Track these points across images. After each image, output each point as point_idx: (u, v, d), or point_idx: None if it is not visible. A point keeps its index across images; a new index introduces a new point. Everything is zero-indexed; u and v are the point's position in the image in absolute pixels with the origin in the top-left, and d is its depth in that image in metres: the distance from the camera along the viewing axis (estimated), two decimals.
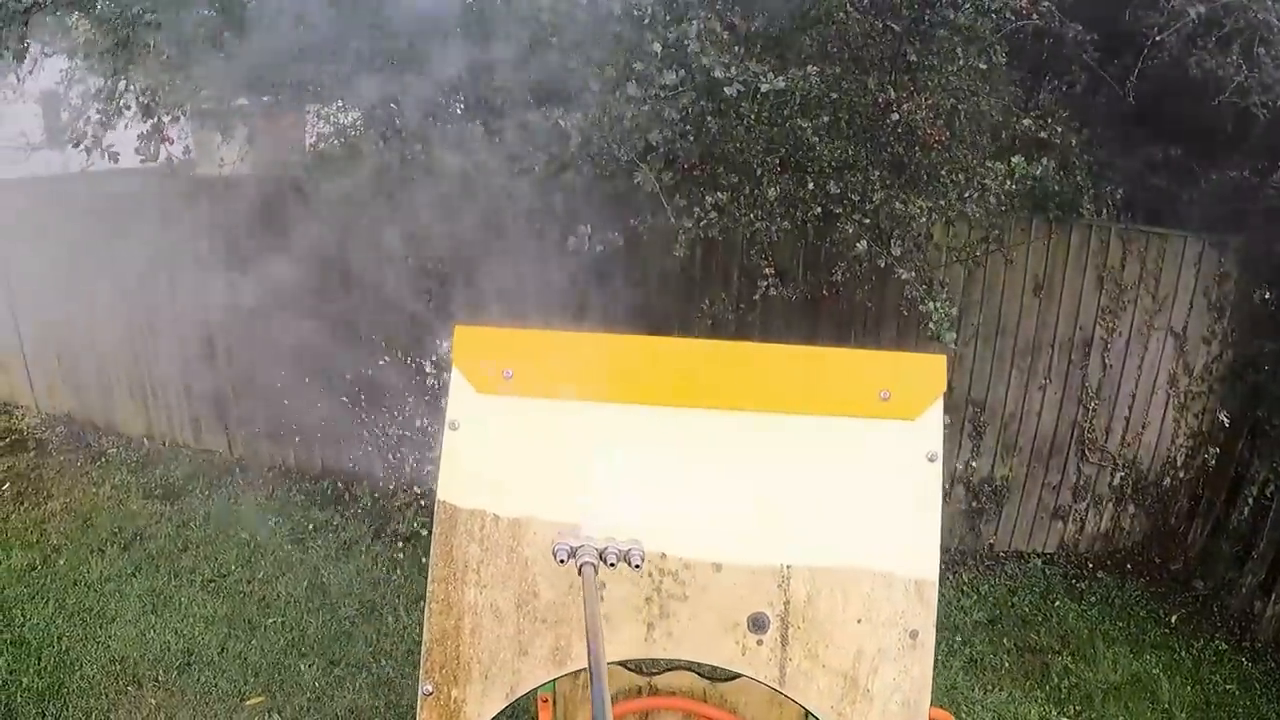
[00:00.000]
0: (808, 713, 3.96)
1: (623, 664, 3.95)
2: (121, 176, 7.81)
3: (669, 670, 3.88)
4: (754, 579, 2.33)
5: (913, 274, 5.17)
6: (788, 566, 2.33)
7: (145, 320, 8.89)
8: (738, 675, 3.86)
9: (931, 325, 5.19)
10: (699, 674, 3.84)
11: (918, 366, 2.41)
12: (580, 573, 2.19)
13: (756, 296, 5.49)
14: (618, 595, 2.35)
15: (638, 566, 2.21)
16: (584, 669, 3.81)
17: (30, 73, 6.45)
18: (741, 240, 5.05)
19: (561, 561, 2.21)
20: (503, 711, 2.41)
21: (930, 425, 2.37)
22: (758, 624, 2.32)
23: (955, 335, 5.31)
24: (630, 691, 3.89)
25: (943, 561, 7.49)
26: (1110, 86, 6.81)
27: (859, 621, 2.32)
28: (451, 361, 2.49)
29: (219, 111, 6.92)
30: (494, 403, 2.46)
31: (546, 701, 3.90)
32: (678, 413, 2.42)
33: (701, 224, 4.87)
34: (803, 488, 2.37)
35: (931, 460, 2.35)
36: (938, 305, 5.11)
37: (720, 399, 2.41)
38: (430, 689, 2.40)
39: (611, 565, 2.19)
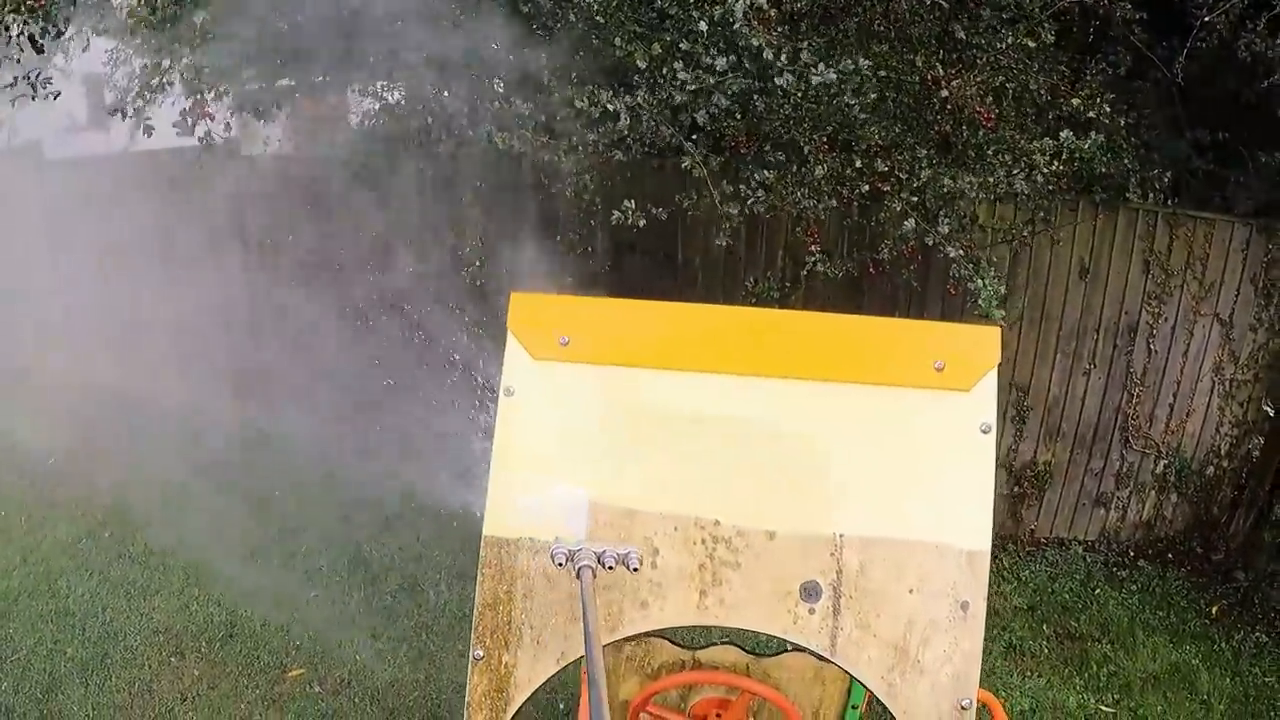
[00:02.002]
0: (850, 688, 3.99)
1: (668, 638, 3.98)
2: (170, 156, 7.90)
3: (712, 645, 3.90)
4: (807, 547, 2.33)
5: (960, 252, 5.13)
6: (841, 535, 2.33)
7: (192, 295, 8.96)
8: (781, 651, 3.89)
9: (981, 302, 5.16)
10: (742, 649, 3.85)
11: (972, 338, 2.41)
12: (578, 576, 2.20)
13: (804, 273, 5.46)
14: (672, 563, 2.36)
15: (635, 569, 2.23)
16: (630, 637, 3.86)
17: (84, 49, 6.52)
18: (787, 219, 5.03)
19: (560, 565, 2.23)
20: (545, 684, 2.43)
21: (984, 396, 2.37)
22: (810, 593, 2.33)
23: (1004, 313, 5.27)
24: (674, 665, 3.91)
25: None
26: (1159, 68, 6.75)
27: (911, 592, 2.31)
28: (507, 327, 2.51)
29: (263, 92, 6.96)
30: (549, 369, 2.49)
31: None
32: (733, 380, 2.43)
33: (749, 203, 4.86)
34: (856, 457, 2.38)
35: (985, 432, 2.35)
36: (986, 282, 5.08)
37: (775, 367, 2.42)
38: (481, 654, 2.42)
39: (610, 568, 2.21)
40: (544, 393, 2.48)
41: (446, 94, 5.73)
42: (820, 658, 2.35)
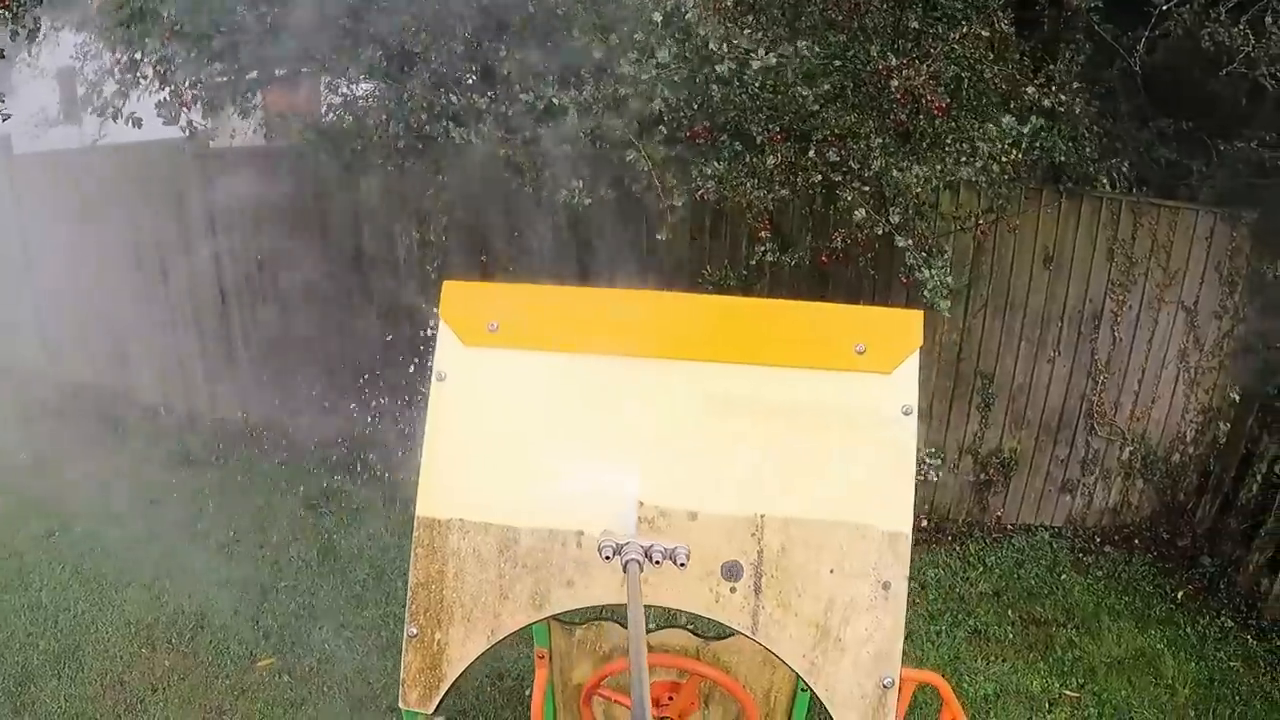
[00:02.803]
0: None
1: (618, 622, 4.02)
2: (136, 150, 7.91)
3: (663, 629, 3.94)
4: (728, 528, 2.36)
5: (910, 242, 5.16)
6: (762, 516, 2.37)
7: (161, 290, 8.98)
8: (730, 634, 3.93)
9: (926, 293, 5.19)
10: (692, 632, 3.89)
11: (894, 321, 2.44)
12: (625, 570, 2.23)
13: (753, 262, 5.50)
14: (594, 544, 2.40)
15: (683, 565, 2.24)
16: (576, 624, 3.89)
17: (40, 43, 6.53)
18: (747, 208, 5.06)
19: (607, 558, 2.25)
20: (484, 668, 2.47)
21: (906, 379, 2.40)
22: (731, 572, 2.36)
23: (949, 303, 5.30)
24: (625, 649, 3.94)
25: (950, 533, 7.54)
26: (1124, 59, 6.78)
27: (831, 572, 2.35)
28: (439, 315, 2.55)
29: (231, 83, 6.98)
30: (479, 354, 2.53)
31: (543, 658, 3.98)
32: (656, 364, 2.46)
33: (698, 193, 4.90)
34: (778, 439, 2.41)
35: (907, 413, 2.38)
36: (933, 273, 5.11)
37: (698, 351, 2.46)
38: (415, 631, 2.47)
39: (656, 563, 2.22)
40: (474, 377, 2.53)
41: (407, 89, 5.75)
42: (744, 636, 2.39)
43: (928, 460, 6.57)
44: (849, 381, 2.40)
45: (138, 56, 6.06)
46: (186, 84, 6.15)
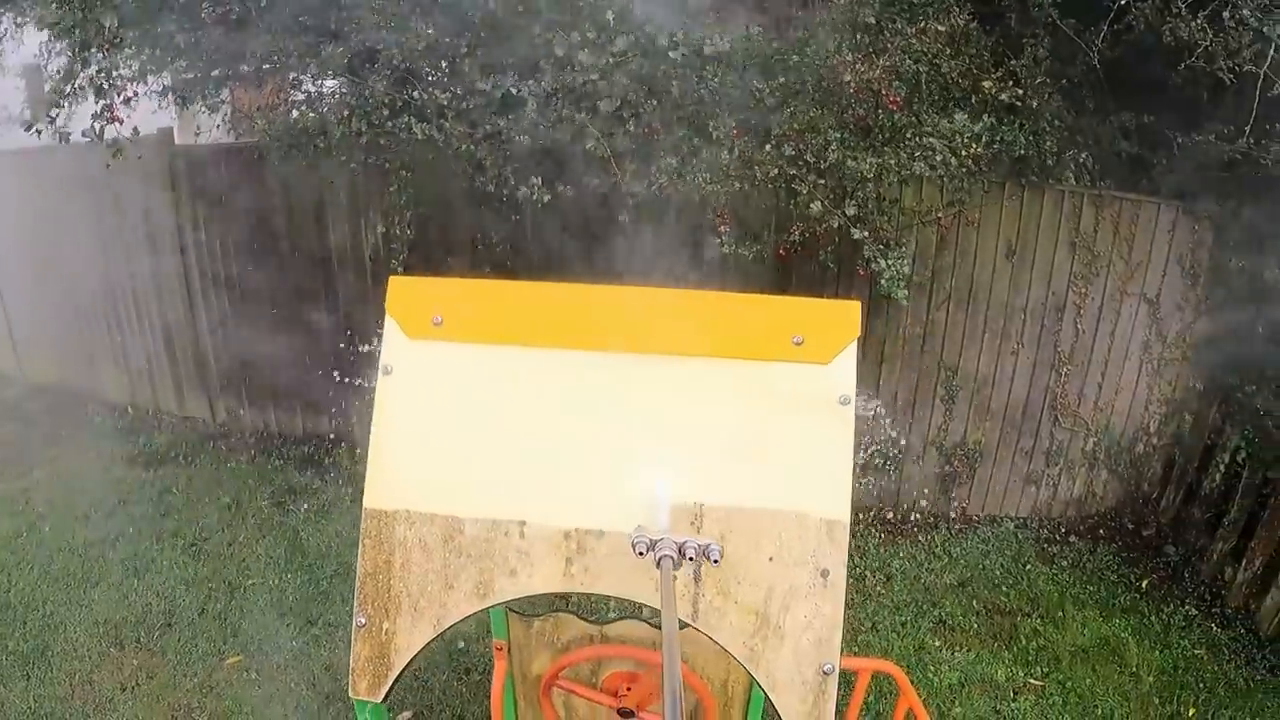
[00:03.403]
0: None
1: (575, 613, 4.05)
2: (97, 149, 7.88)
3: (619, 619, 3.96)
4: (668, 517, 2.39)
5: (867, 234, 5.20)
6: (701, 505, 2.39)
7: (127, 289, 8.96)
8: (688, 624, 3.96)
9: (883, 283, 5.23)
10: (649, 623, 3.92)
11: (832, 312, 2.46)
12: (659, 566, 2.24)
13: (709, 256, 5.53)
14: (539, 533, 2.43)
15: (716, 562, 2.25)
16: (534, 616, 3.92)
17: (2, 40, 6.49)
18: (696, 200, 5.09)
19: (640, 554, 2.26)
20: (450, 664, 2.50)
21: (843, 369, 2.42)
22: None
23: (906, 293, 5.34)
24: (582, 640, 3.97)
25: (915, 525, 7.59)
26: (1085, 53, 6.83)
27: (770, 560, 2.37)
28: (386, 309, 2.58)
29: (193, 82, 6.97)
30: (424, 348, 2.56)
31: (501, 649, 4.00)
32: (597, 356, 2.49)
33: (652, 187, 4.93)
34: (717, 429, 2.43)
35: (844, 403, 2.40)
36: (889, 263, 5.15)
37: (639, 343, 2.48)
38: (364, 621, 2.50)
39: (690, 559, 2.23)
40: (419, 370, 2.55)
41: (368, 85, 5.75)
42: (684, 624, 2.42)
43: (880, 454, 6.60)
44: (787, 372, 2.42)
45: (78, 67, 6.03)
46: (121, 97, 6.11)
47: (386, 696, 2.54)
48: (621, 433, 2.46)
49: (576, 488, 2.45)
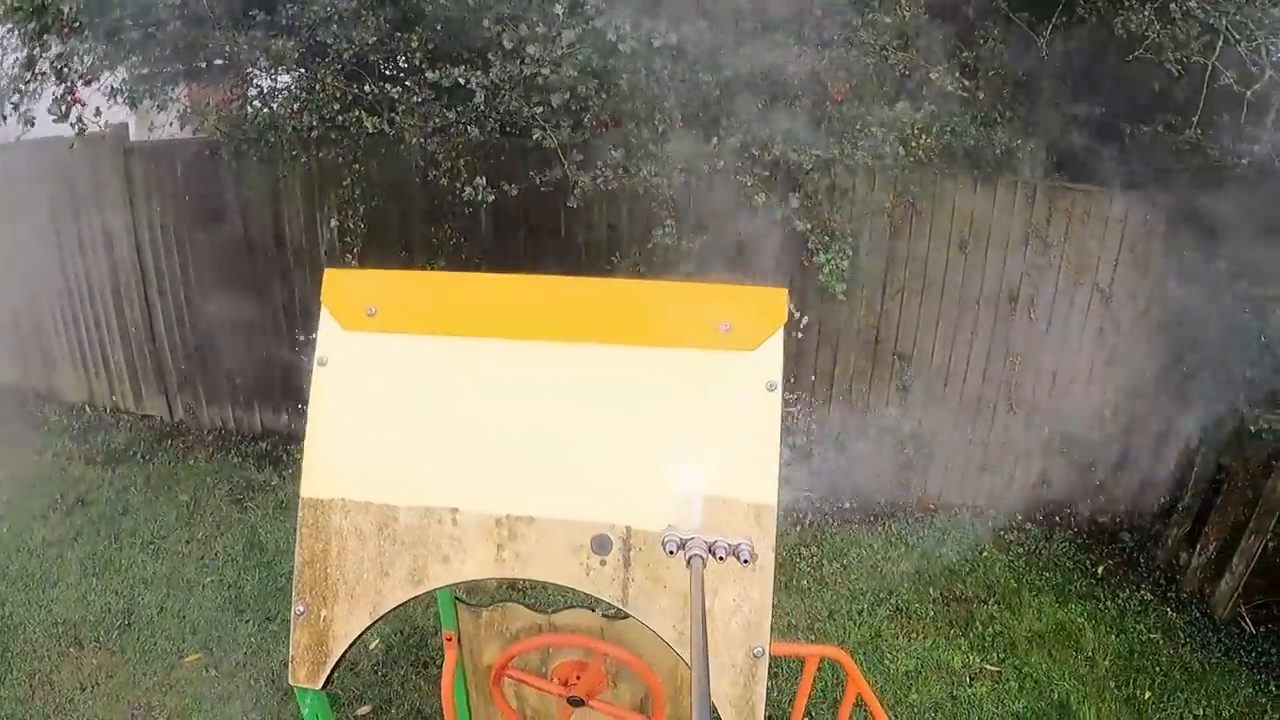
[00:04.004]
0: None
1: (523, 603, 4.07)
2: (52, 145, 7.83)
3: (567, 609, 3.99)
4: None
5: (809, 226, 5.24)
6: (631, 490, 2.43)
7: (83, 288, 8.90)
8: (624, 616, 3.98)
9: (821, 277, 5.27)
10: (596, 613, 3.94)
11: (759, 299, 2.49)
12: (689, 565, 2.26)
13: (650, 245, 5.56)
14: (472, 519, 2.45)
15: (746, 561, 2.26)
16: (483, 607, 3.93)
17: None
18: (642, 192, 5.12)
19: (670, 553, 2.29)
20: (409, 658, 2.52)
21: (770, 355, 2.45)
22: (601, 545, 2.42)
23: (844, 286, 5.38)
24: (531, 629, 3.99)
25: (872, 514, 7.65)
26: (1037, 45, 6.88)
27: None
28: (321, 301, 2.60)
29: (147, 77, 6.94)
30: (359, 339, 2.59)
31: (451, 640, 4.02)
32: (527, 345, 2.52)
33: (597, 180, 4.96)
34: (646, 416, 2.46)
35: (771, 389, 2.43)
36: (828, 257, 5.19)
37: (569, 332, 2.51)
38: (302, 609, 2.55)
39: (721, 559, 2.25)
40: (353, 361, 2.58)
41: (318, 79, 5.75)
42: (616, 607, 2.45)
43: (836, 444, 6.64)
44: (714, 359, 2.46)
45: (36, 53, 6.01)
46: (80, 80, 6.09)
47: (326, 684, 2.57)
48: (551, 420, 2.49)
49: (507, 475, 2.48)
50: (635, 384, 2.48)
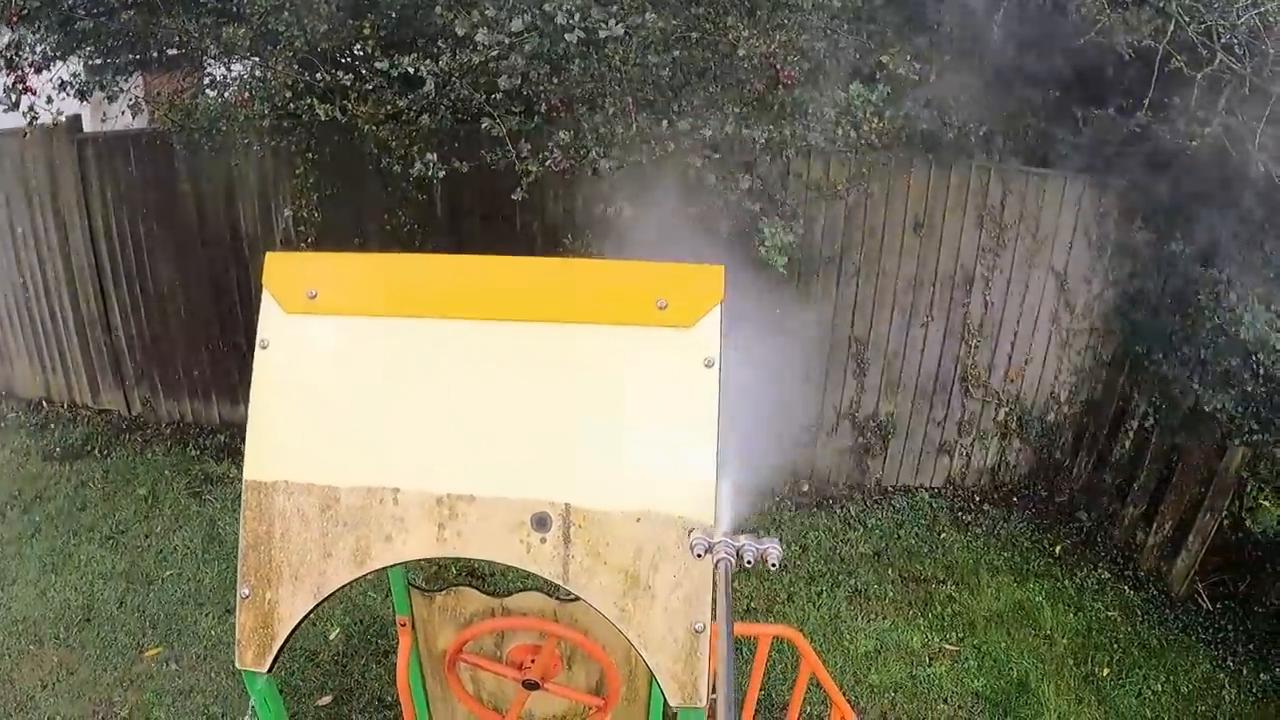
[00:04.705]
0: None
1: (476, 587, 4.08)
2: (8, 137, 7.76)
3: (519, 592, 4.00)
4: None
5: (758, 207, 5.26)
6: (569, 466, 2.44)
7: (37, 281, 8.81)
8: (573, 598, 3.99)
9: (764, 251, 5.28)
10: (547, 594, 3.95)
11: (695, 276, 2.51)
12: (716, 568, 2.26)
13: (602, 228, 5.55)
14: (413, 498, 2.46)
15: (774, 566, 2.24)
16: (436, 592, 3.94)
17: None
18: (592, 173, 5.12)
19: (699, 556, 2.30)
20: (369, 648, 2.52)
21: (708, 332, 2.47)
22: (540, 523, 2.43)
23: (785, 259, 5.39)
24: (484, 613, 4.00)
25: (830, 496, 7.68)
26: (990, 28, 6.92)
27: (638, 521, 2.42)
28: (262, 285, 2.60)
29: (99, 68, 6.88)
30: (299, 322, 2.59)
31: (405, 625, 4.02)
32: (465, 325, 2.53)
33: (545, 163, 4.96)
34: (584, 393, 2.48)
35: (709, 365, 2.45)
36: (772, 230, 5.21)
37: (507, 311, 2.53)
38: (247, 592, 2.55)
39: (749, 565, 2.23)
40: (295, 344, 2.59)
41: (269, 67, 5.72)
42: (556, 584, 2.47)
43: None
44: (651, 336, 2.47)
45: None
46: (31, 68, 6.04)
47: (272, 667, 2.57)
48: (491, 399, 2.51)
49: (448, 454, 2.50)
50: (573, 361, 2.50)
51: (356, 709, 5.71)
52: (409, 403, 2.53)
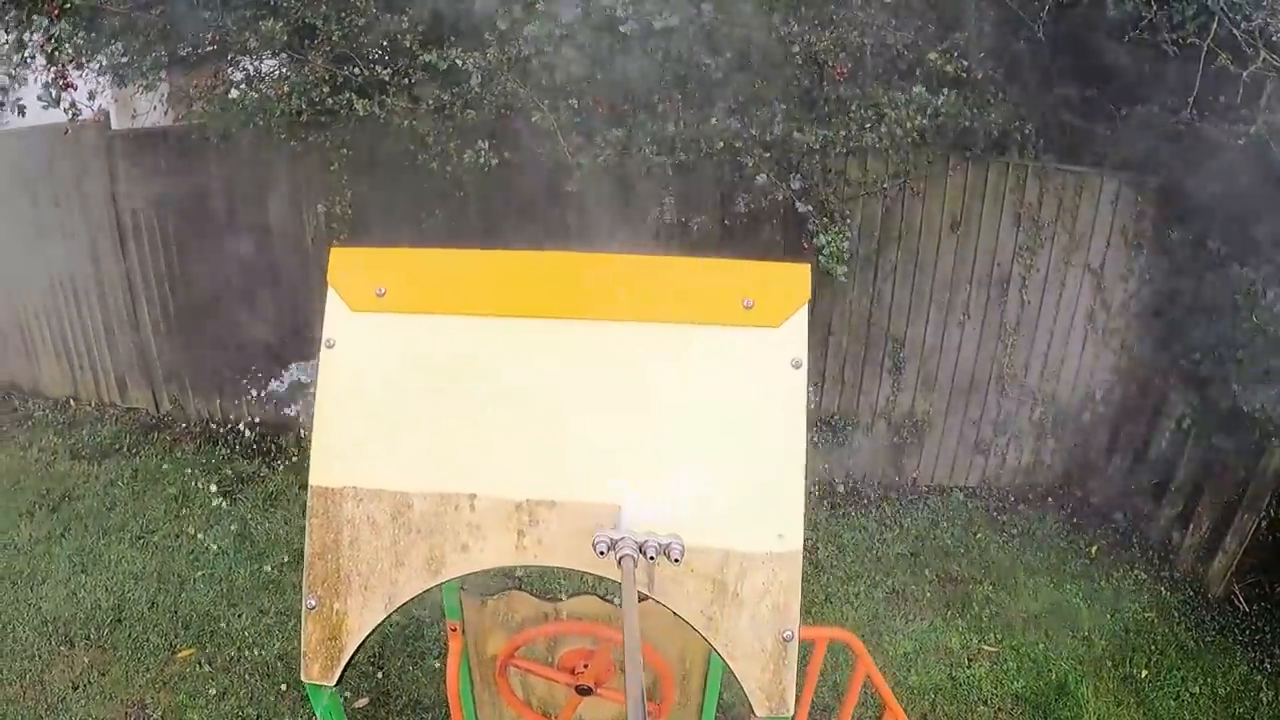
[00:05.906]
0: None
1: (529, 591, 4.01)
2: (33, 134, 7.71)
3: (574, 597, 3.93)
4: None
5: (811, 207, 5.19)
6: (655, 471, 2.37)
7: (66, 279, 8.78)
8: (644, 599, 3.93)
9: (822, 259, 5.22)
10: (604, 599, 3.89)
11: (782, 275, 2.44)
12: (620, 565, 2.19)
13: (650, 223, 5.50)
14: (490, 505, 2.39)
15: (677, 561, 2.21)
16: (487, 596, 3.88)
17: None
18: (642, 172, 5.06)
19: (601, 554, 2.22)
20: (406, 649, 2.46)
21: (794, 332, 2.40)
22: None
23: (844, 269, 5.33)
24: (537, 619, 3.94)
25: (866, 496, 7.64)
26: (1030, 26, 6.85)
27: (726, 526, 2.36)
28: (327, 281, 2.52)
29: (130, 64, 6.83)
30: (367, 320, 2.51)
31: (455, 630, 3.95)
32: (545, 324, 2.45)
33: (598, 158, 4.90)
34: (669, 394, 2.40)
35: (796, 366, 2.38)
36: (829, 239, 5.15)
37: (587, 309, 2.44)
38: (314, 603, 2.44)
39: (651, 559, 2.19)
40: (362, 343, 2.50)
41: (308, 62, 5.67)
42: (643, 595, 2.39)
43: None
44: (738, 336, 2.41)
45: (26, 36, 5.90)
46: (71, 63, 5.99)
47: (340, 680, 2.49)
48: (571, 400, 2.43)
49: (527, 458, 2.41)
50: (656, 361, 2.42)
51: (394, 711, 5.67)
52: (484, 404, 2.44)
